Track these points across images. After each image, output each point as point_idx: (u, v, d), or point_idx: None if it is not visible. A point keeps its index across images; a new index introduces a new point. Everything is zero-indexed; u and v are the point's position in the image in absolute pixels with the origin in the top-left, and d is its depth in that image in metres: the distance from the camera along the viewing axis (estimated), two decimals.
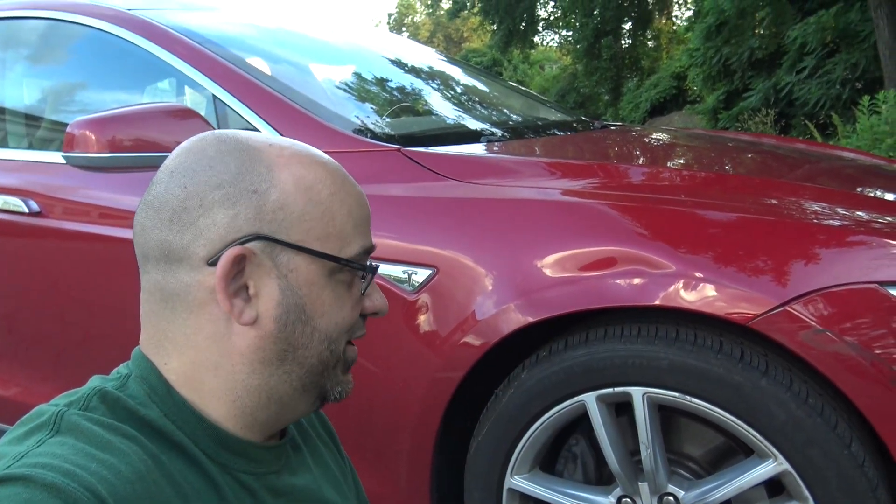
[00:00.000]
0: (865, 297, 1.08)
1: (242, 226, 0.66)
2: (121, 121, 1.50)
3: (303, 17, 2.43)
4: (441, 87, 2.41)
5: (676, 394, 1.16)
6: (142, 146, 1.50)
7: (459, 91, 2.48)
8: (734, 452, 1.25)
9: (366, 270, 0.73)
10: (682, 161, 1.87)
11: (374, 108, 1.96)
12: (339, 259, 0.70)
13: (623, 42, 17.75)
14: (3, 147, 1.99)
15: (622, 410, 1.26)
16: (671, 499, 1.22)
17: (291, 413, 0.74)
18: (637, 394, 1.19)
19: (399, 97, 2.14)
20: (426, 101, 2.22)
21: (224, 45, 1.78)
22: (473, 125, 2.01)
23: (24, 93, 2.10)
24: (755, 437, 1.12)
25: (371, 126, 1.66)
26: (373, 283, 0.76)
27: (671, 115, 14.95)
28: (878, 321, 1.07)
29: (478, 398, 1.35)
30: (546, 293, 1.23)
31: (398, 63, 2.39)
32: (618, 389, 1.20)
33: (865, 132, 5.19)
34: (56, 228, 1.74)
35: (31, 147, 2.00)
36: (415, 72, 2.40)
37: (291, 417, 0.75)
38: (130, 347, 0.73)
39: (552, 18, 19.76)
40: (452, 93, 2.43)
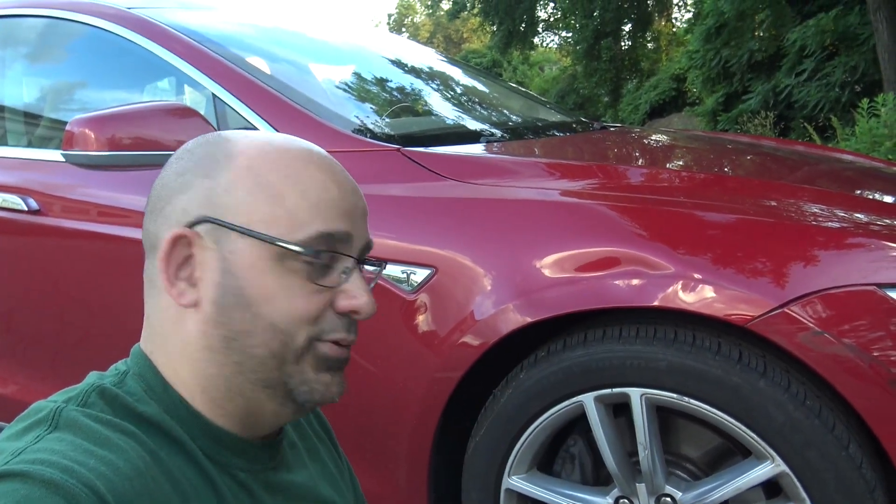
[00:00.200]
0: (864, 299, 1.08)
1: (193, 209, 0.68)
2: (120, 119, 1.50)
3: (302, 17, 2.43)
4: (441, 88, 2.41)
5: (674, 395, 1.16)
6: (141, 144, 1.50)
7: (459, 91, 2.48)
8: (732, 454, 1.26)
9: (306, 254, 0.67)
10: (682, 162, 1.87)
11: (374, 108, 1.96)
12: (276, 241, 0.67)
13: (623, 44, 17.78)
14: (3, 145, 1.99)
15: (620, 411, 1.26)
16: (669, 500, 1.22)
17: (262, 411, 0.70)
18: (635, 395, 1.19)
19: (399, 97, 2.14)
20: (426, 102, 2.22)
21: (224, 45, 1.78)
22: (473, 126, 2.01)
23: (24, 91, 2.10)
24: (753, 439, 1.12)
25: (371, 126, 1.66)
26: (357, 280, 0.71)
27: (670, 117, 14.97)
28: (877, 323, 1.07)
29: (476, 398, 1.35)
30: (545, 293, 1.23)
31: (398, 63, 2.39)
32: (616, 390, 1.20)
33: (864, 135, 5.20)
34: (55, 227, 1.74)
35: (31, 145, 2.00)
36: (414, 72, 2.40)
37: (272, 419, 0.71)
38: (129, 346, 0.74)
39: (552, 20, 19.79)
40: (452, 93, 2.43)
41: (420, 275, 1.32)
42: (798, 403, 1.09)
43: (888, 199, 1.51)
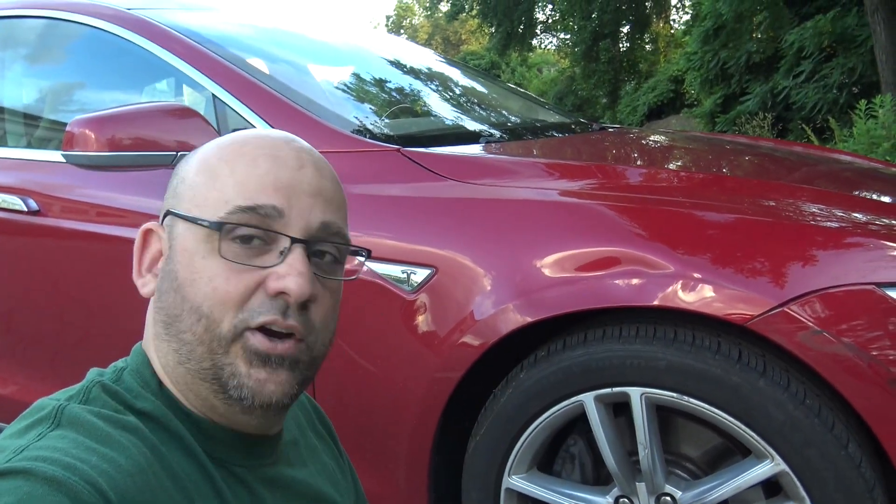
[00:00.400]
0: (863, 299, 1.08)
1: (164, 205, 0.72)
2: (120, 120, 1.50)
3: (301, 18, 2.43)
4: (440, 89, 2.42)
5: (674, 394, 1.16)
6: (141, 145, 1.50)
7: (458, 92, 2.49)
8: (731, 453, 1.26)
9: (212, 228, 0.65)
10: (680, 163, 1.88)
11: (374, 109, 1.96)
12: (197, 220, 0.66)
13: (621, 45, 17.80)
14: (3, 146, 1.99)
15: (620, 411, 1.27)
16: (668, 499, 1.22)
17: (216, 409, 0.68)
18: (635, 394, 1.19)
19: (398, 98, 2.14)
20: (425, 102, 2.22)
21: (223, 45, 1.78)
22: (472, 126, 2.01)
23: (24, 92, 2.10)
24: (753, 438, 1.13)
25: (370, 126, 1.67)
26: (292, 260, 0.66)
27: (668, 119, 14.99)
28: (876, 322, 1.07)
29: (476, 398, 1.36)
30: (545, 293, 1.23)
31: (397, 64, 2.40)
32: (616, 389, 1.20)
33: (862, 136, 5.21)
34: (55, 227, 1.74)
35: (31, 146, 2.00)
36: (414, 73, 2.40)
37: (232, 417, 0.69)
38: (129, 346, 0.74)
39: (550, 21, 19.81)
40: (451, 94, 2.43)
41: (420, 275, 1.32)
42: (797, 402, 1.09)
43: (886, 199, 1.52)
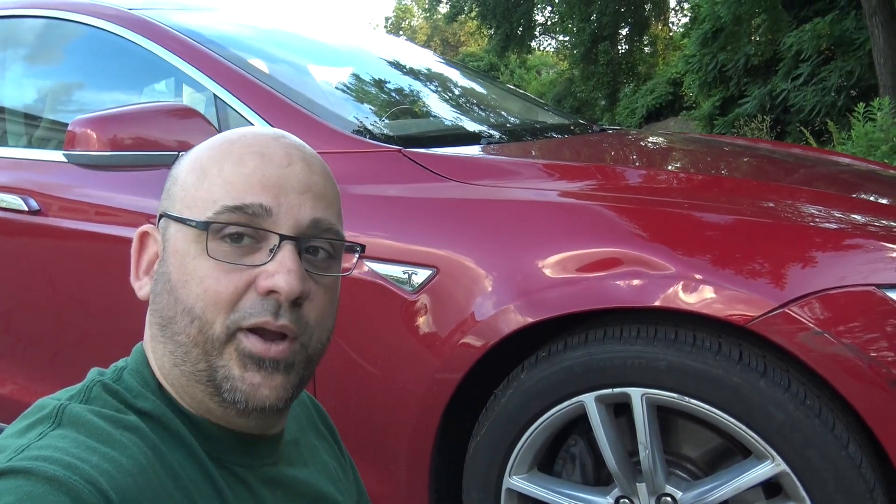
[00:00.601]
0: (863, 300, 1.08)
1: (160, 206, 0.71)
2: (122, 119, 1.50)
3: (301, 20, 2.43)
4: (440, 90, 2.42)
5: (675, 395, 1.16)
6: (143, 145, 1.50)
7: (458, 93, 2.49)
8: (732, 453, 1.26)
9: (199, 227, 0.65)
10: (680, 164, 1.88)
11: (374, 110, 1.96)
12: (186, 220, 0.66)
13: (620, 47, 17.84)
14: (3, 145, 1.99)
15: (620, 411, 1.27)
16: (669, 499, 1.22)
17: (213, 411, 0.68)
18: (636, 394, 1.19)
19: (399, 99, 2.15)
20: (425, 103, 2.23)
21: (224, 45, 1.79)
22: (472, 127, 2.01)
23: (25, 91, 2.10)
24: (753, 438, 1.13)
25: (370, 127, 1.67)
26: (282, 258, 0.65)
27: (667, 121, 15.02)
28: (876, 323, 1.08)
29: (477, 399, 1.36)
30: (546, 294, 1.23)
31: (397, 65, 2.40)
32: (617, 390, 1.20)
33: (861, 139, 5.22)
34: (55, 227, 1.74)
35: (32, 145, 2.00)
36: (414, 74, 2.40)
37: (227, 420, 0.69)
38: (129, 346, 0.74)
39: (549, 23, 19.84)
40: (451, 95, 2.43)
41: (421, 275, 1.32)
42: (798, 403, 1.10)
43: (885, 201, 1.52)
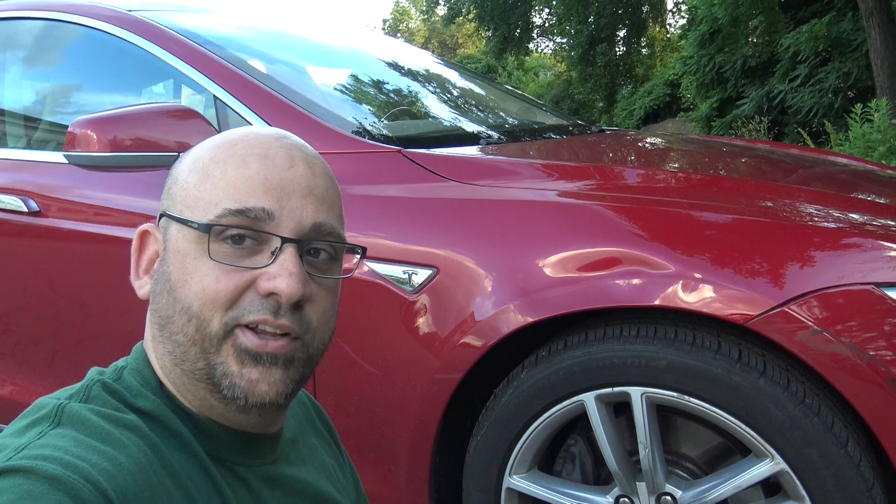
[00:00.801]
0: (862, 299, 1.09)
1: (160, 206, 0.72)
2: (122, 120, 1.50)
3: (300, 21, 2.44)
4: (439, 91, 2.43)
5: (675, 393, 1.17)
6: (143, 146, 1.50)
7: (457, 94, 2.49)
8: (731, 452, 1.26)
9: (202, 230, 0.65)
10: (678, 164, 1.89)
11: (374, 110, 1.97)
12: (188, 222, 0.66)
13: (617, 49, 17.87)
14: (3, 147, 1.99)
15: (620, 410, 1.27)
16: (669, 498, 1.22)
17: (213, 408, 0.68)
18: (636, 393, 1.19)
19: (398, 100, 2.15)
20: (425, 104, 2.23)
21: (224, 47, 1.79)
22: (471, 128, 2.02)
23: (25, 93, 2.10)
24: (753, 437, 1.13)
25: (370, 128, 1.67)
26: (283, 261, 0.66)
27: (665, 123, 15.05)
28: (875, 322, 1.08)
29: (477, 398, 1.36)
30: (546, 293, 1.24)
31: (396, 66, 2.40)
32: (616, 389, 1.21)
33: (858, 140, 5.23)
34: (55, 228, 1.74)
35: (31, 147, 2.00)
36: (412, 75, 2.41)
37: (228, 417, 0.69)
38: (128, 346, 0.75)
39: (547, 25, 19.87)
40: (450, 96, 2.44)
41: (422, 275, 1.32)
42: (797, 402, 1.10)
43: (883, 201, 1.52)
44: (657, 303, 1.17)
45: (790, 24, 9.64)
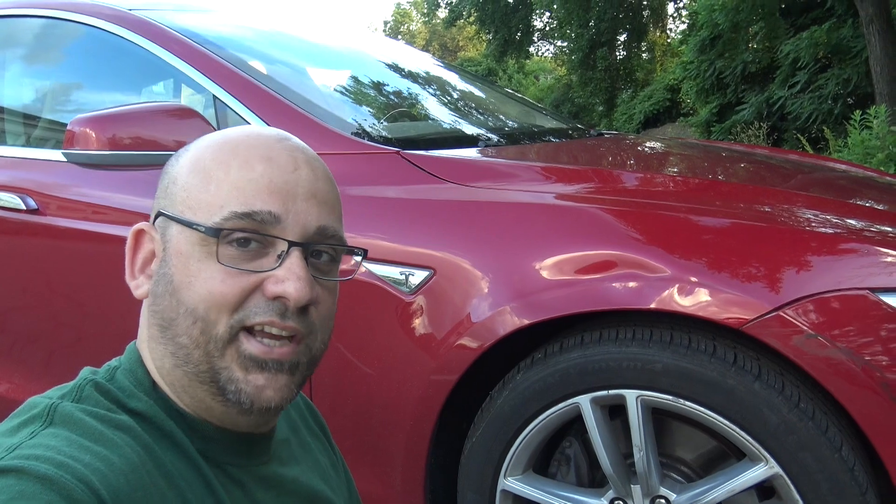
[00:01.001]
0: (857, 304, 1.09)
1: (156, 206, 0.72)
2: (121, 119, 1.50)
3: (301, 22, 2.44)
4: (439, 93, 2.43)
5: (670, 397, 1.17)
6: (142, 144, 1.50)
7: (456, 97, 2.50)
8: (726, 456, 1.27)
9: (209, 234, 0.65)
10: (677, 168, 1.89)
11: (373, 112, 1.97)
12: (193, 224, 0.66)
13: (618, 54, 17.90)
14: (2, 144, 1.99)
15: (615, 413, 1.27)
16: (663, 501, 1.23)
17: (213, 410, 0.68)
18: (631, 396, 1.20)
19: (397, 101, 2.15)
20: (424, 106, 2.23)
21: (224, 47, 1.79)
22: (471, 130, 2.02)
23: (25, 91, 2.10)
24: (747, 441, 1.13)
25: (369, 129, 1.67)
26: (290, 264, 0.66)
27: (664, 127, 15.07)
28: (870, 327, 1.08)
29: (473, 400, 1.36)
30: (542, 296, 1.24)
31: (396, 68, 2.41)
32: (612, 392, 1.21)
33: (857, 146, 5.24)
34: (53, 226, 1.74)
35: (30, 145, 2.00)
36: (412, 77, 2.41)
37: (228, 419, 0.69)
38: (124, 347, 0.74)
39: (547, 29, 19.90)
40: (449, 98, 2.44)
41: (418, 276, 1.33)
42: (792, 406, 1.10)
43: (881, 207, 1.53)
44: (653, 306, 1.17)
45: (790, 31, 9.67)
